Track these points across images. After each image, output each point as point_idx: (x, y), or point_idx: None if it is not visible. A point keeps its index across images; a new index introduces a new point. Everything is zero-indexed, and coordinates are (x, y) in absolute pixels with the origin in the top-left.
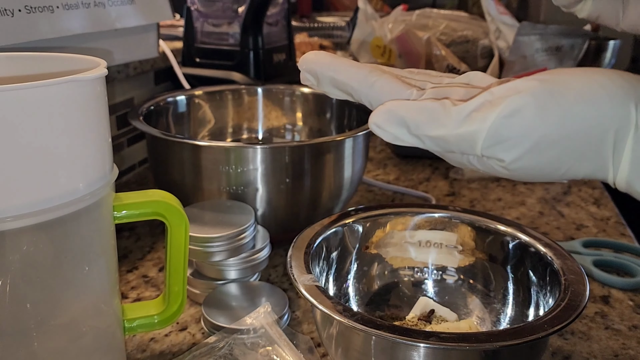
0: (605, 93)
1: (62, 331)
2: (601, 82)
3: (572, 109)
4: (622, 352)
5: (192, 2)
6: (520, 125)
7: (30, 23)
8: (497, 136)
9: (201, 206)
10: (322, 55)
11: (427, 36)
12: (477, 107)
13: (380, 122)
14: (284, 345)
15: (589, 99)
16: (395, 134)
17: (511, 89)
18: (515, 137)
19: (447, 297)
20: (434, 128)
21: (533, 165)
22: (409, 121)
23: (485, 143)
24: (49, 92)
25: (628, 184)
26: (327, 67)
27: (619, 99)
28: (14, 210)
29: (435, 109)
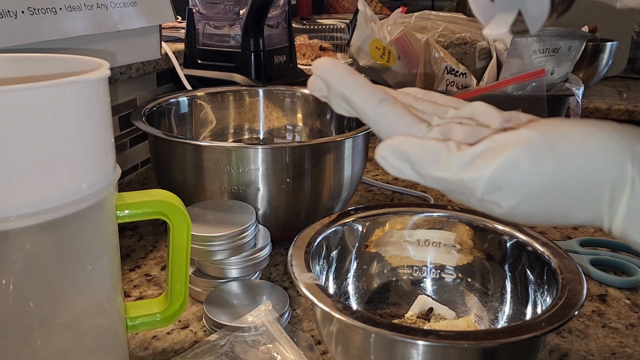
0: (602, 148)
1: (65, 329)
2: (598, 137)
3: (568, 162)
4: (619, 350)
5: (194, 4)
6: (518, 174)
7: (33, 24)
8: (496, 184)
9: (203, 206)
10: (339, 68)
11: (425, 38)
12: (480, 154)
13: (386, 155)
14: (284, 343)
15: (585, 153)
16: (399, 169)
17: (512, 139)
18: (513, 186)
19: (445, 296)
20: (437, 170)
21: (530, 212)
22: (413, 159)
23: (486, 189)
24: (52, 93)
25: (623, 234)
26: (342, 82)
27: (615, 155)
28: (18, 209)
29: (439, 151)
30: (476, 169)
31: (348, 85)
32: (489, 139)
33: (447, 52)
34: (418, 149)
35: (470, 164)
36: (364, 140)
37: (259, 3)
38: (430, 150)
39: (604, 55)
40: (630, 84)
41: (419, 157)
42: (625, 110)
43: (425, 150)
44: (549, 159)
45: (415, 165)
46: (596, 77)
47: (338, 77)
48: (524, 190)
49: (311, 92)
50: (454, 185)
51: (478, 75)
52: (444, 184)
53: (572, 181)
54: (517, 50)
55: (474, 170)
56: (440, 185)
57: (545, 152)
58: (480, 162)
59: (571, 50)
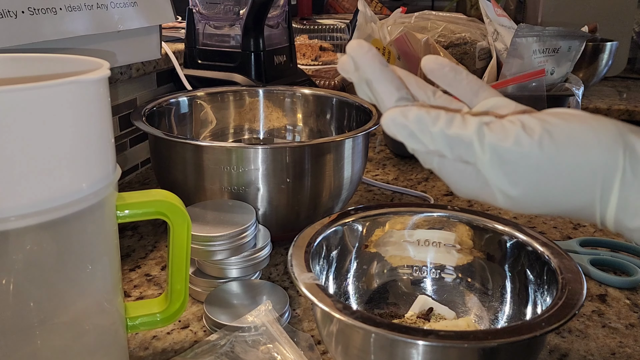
0: (596, 137)
1: (65, 329)
2: (594, 126)
3: (564, 147)
4: (619, 350)
5: (194, 4)
6: (520, 153)
7: (34, 24)
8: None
9: (203, 206)
10: (373, 55)
11: (425, 38)
12: (487, 122)
13: (397, 116)
14: (284, 343)
15: (580, 140)
16: (412, 130)
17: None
18: (515, 163)
19: (445, 296)
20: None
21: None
22: (427, 119)
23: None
24: (53, 93)
25: (616, 222)
26: (371, 69)
27: (607, 143)
28: (18, 209)
29: (454, 115)
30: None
31: (375, 74)
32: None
33: (447, 52)
34: (434, 112)
35: (480, 129)
36: (364, 140)
37: (259, 3)
38: (447, 114)
39: (603, 55)
40: (630, 84)
41: (435, 116)
42: (625, 110)
43: (441, 112)
44: (548, 144)
45: (430, 124)
46: (596, 77)
47: (369, 63)
48: (523, 169)
49: (340, 70)
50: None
51: (478, 75)
52: (452, 144)
53: (567, 166)
54: (517, 50)
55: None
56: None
57: (544, 137)
58: (488, 131)
59: (571, 50)
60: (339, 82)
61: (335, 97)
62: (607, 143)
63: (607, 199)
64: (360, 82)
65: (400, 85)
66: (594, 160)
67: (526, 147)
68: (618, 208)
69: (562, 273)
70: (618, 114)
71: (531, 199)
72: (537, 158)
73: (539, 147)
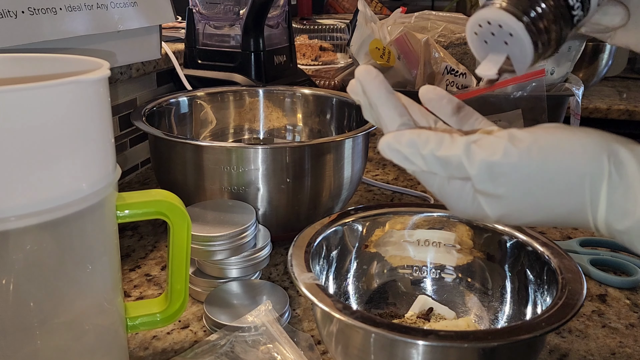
0: (581, 144)
1: (65, 329)
2: (579, 135)
3: (552, 155)
4: (619, 350)
5: (194, 4)
6: (509, 164)
7: (34, 25)
8: (490, 171)
9: (203, 206)
10: (378, 81)
11: (425, 38)
12: (475, 140)
13: (392, 141)
14: (284, 343)
15: (567, 148)
16: (404, 153)
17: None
18: (505, 175)
19: (445, 296)
20: (441, 149)
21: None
22: (419, 142)
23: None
24: (53, 93)
25: (607, 225)
26: (376, 95)
27: (593, 150)
28: (18, 209)
29: (444, 136)
30: (473, 151)
31: (381, 100)
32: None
33: (447, 52)
34: (425, 134)
35: (468, 148)
36: (364, 140)
37: (259, 3)
38: (437, 135)
39: (603, 55)
40: (630, 84)
41: (425, 139)
42: (625, 110)
43: (430, 134)
44: (536, 153)
45: (420, 147)
46: (596, 77)
47: (375, 89)
48: (514, 179)
49: (349, 93)
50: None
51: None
52: (443, 165)
53: (556, 172)
54: None
55: (472, 152)
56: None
57: (532, 147)
58: (477, 148)
59: (571, 50)
60: (339, 82)
61: (335, 97)
62: (592, 149)
63: (597, 202)
64: (367, 105)
65: (403, 112)
66: (581, 165)
67: (515, 158)
68: (607, 211)
69: (562, 273)
70: (618, 114)
71: (524, 209)
72: (526, 167)
73: (528, 157)
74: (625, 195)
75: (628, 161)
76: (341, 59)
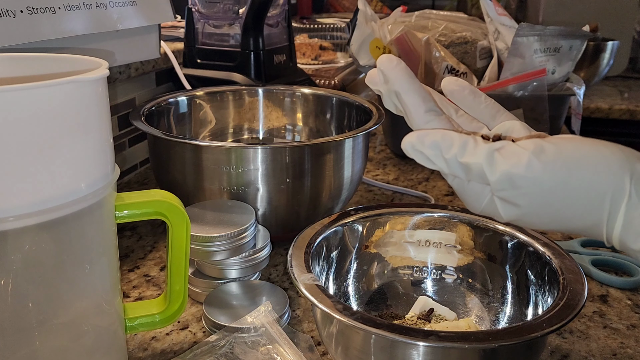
0: (606, 163)
1: (63, 330)
2: (604, 152)
3: (575, 171)
4: (621, 351)
5: (193, 3)
6: (531, 176)
7: (32, 24)
8: (511, 181)
9: (202, 206)
10: (402, 69)
11: (426, 37)
12: (498, 149)
13: (416, 142)
14: (284, 344)
15: (591, 164)
16: (428, 154)
17: (532, 144)
18: (526, 187)
19: (446, 296)
20: (464, 155)
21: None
22: (443, 145)
23: (499, 182)
24: (51, 92)
25: (621, 242)
26: (400, 82)
27: (616, 169)
28: (16, 210)
29: (467, 140)
30: (497, 161)
31: (404, 87)
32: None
33: (448, 51)
34: (448, 137)
35: (491, 156)
36: (364, 140)
37: (258, 2)
38: (460, 139)
39: (605, 55)
40: (632, 84)
41: (449, 142)
42: (626, 109)
43: (454, 137)
44: (560, 166)
45: (444, 151)
46: (597, 76)
47: (398, 76)
48: (534, 191)
49: (368, 83)
50: (474, 172)
51: (479, 74)
52: (465, 170)
53: (578, 188)
54: (518, 49)
55: (495, 161)
56: (461, 171)
57: (557, 161)
58: (500, 157)
59: (572, 49)
60: (339, 81)
61: (335, 96)
62: (615, 168)
63: (614, 220)
64: (389, 94)
65: (427, 97)
66: (603, 183)
67: (538, 172)
68: (623, 229)
69: (563, 273)
70: (619, 114)
71: (539, 218)
72: (548, 182)
73: (552, 171)
74: None
75: None
76: (341, 58)
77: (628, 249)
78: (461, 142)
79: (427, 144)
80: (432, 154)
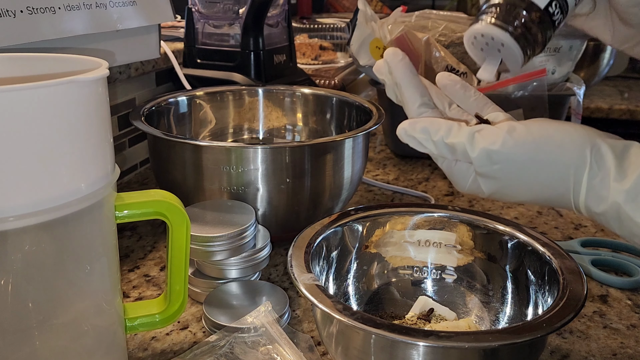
0: (569, 139)
1: (63, 330)
2: (567, 129)
3: (543, 146)
4: (621, 351)
5: (193, 3)
6: (506, 152)
7: (32, 24)
8: (489, 157)
9: (202, 206)
10: (405, 63)
11: (426, 37)
12: (479, 130)
13: (408, 127)
14: (284, 344)
15: (556, 139)
16: (419, 138)
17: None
18: (502, 162)
19: (446, 296)
20: (449, 136)
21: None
22: (431, 129)
23: (480, 158)
24: (51, 92)
25: (586, 208)
26: (401, 75)
27: (578, 144)
28: (16, 210)
29: (452, 125)
30: (476, 140)
31: (405, 80)
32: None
33: (448, 51)
34: (436, 123)
35: (472, 136)
36: (364, 140)
37: (258, 2)
38: (446, 124)
39: (605, 55)
40: (632, 84)
41: (436, 127)
42: (626, 109)
43: (441, 123)
44: (529, 143)
45: (432, 134)
46: (597, 76)
47: (401, 70)
48: (509, 165)
49: (375, 71)
50: (458, 151)
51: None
52: (451, 150)
53: (546, 161)
54: None
55: (475, 140)
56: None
57: (527, 138)
58: (479, 137)
59: (572, 49)
60: (339, 81)
61: (335, 96)
62: (578, 143)
63: (579, 188)
64: (392, 84)
65: (424, 92)
66: (567, 156)
67: (511, 148)
68: (587, 196)
69: (563, 273)
70: (619, 114)
71: (515, 189)
72: (521, 156)
73: (523, 147)
74: (602, 183)
75: (606, 154)
76: (341, 58)
77: (593, 213)
78: (447, 126)
79: (418, 129)
80: (423, 137)
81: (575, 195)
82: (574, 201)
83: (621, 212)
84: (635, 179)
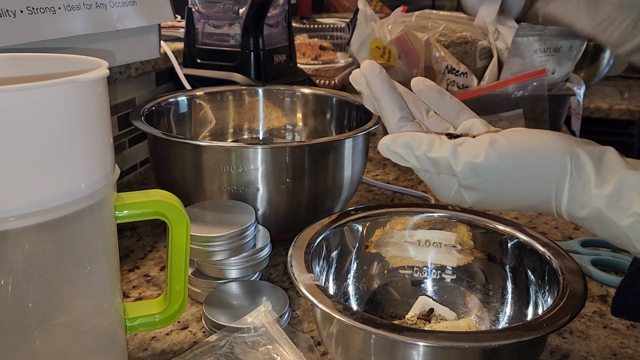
0: (549, 148)
1: (63, 330)
2: (546, 139)
3: (524, 157)
4: (621, 351)
5: (193, 3)
6: (488, 165)
7: (32, 24)
8: (472, 170)
9: (202, 206)
10: (382, 77)
11: (426, 37)
12: (460, 143)
13: (390, 142)
14: (284, 344)
15: (536, 150)
16: (401, 153)
17: (484, 139)
18: (485, 175)
19: (446, 296)
20: (432, 151)
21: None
22: (414, 144)
23: (464, 171)
24: (51, 92)
25: (569, 213)
26: (379, 89)
27: (558, 153)
28: (16, 210)
29: (434, 139)
30: (459, 153)
31: (383, 94)
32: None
33: (448, 51)
34: (418, 138)
35: (455, 150)
36: (364, 140)
37: (258, 2)
38: (428, 138)
39: (605, 55)
40: (632, 84)
41: (418, 142)
42: (626, 109)
43: (422, 137)
44: (512, 155)
45: (414, 149)
46: (597, 76)
47: (379, 85)
48: (492, 177)
49: (352, 82)
50: (442, 165)
51: (479, 74)
52: (434, 164)
53: (527, 171)
54: (518, 49)
55: (458, 154)
56: (430, 165)
57: (509, 150)
58: (462, 150)
59: (572, 49)
60: (339, 81)
61: (335, 96)
62: (557, 152)
63: (560, 195)
64: (369, 96)
65: (403, 106)
66: (549, 166)
67: (495, 161)
68: (568, 203)
69: (563, 273)
70: (619, 114)
71: (499, 199)
72: (504, 169)
73: (506, 159)
74: (583, 190)
75: (585, 161)
76: (341, 58)
77: (575, 218)
78: (429, 140)
79: (399, 144)
80: (405, 152)
81: (557, 202)
82: (556, 207)
83: (603, 216)
84: (614, 184)
